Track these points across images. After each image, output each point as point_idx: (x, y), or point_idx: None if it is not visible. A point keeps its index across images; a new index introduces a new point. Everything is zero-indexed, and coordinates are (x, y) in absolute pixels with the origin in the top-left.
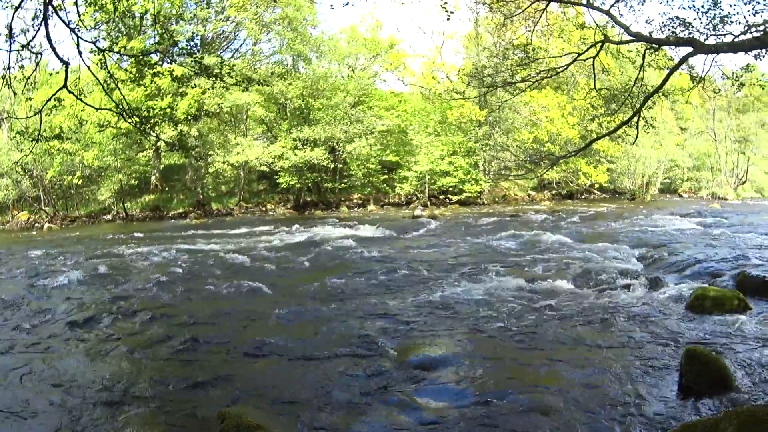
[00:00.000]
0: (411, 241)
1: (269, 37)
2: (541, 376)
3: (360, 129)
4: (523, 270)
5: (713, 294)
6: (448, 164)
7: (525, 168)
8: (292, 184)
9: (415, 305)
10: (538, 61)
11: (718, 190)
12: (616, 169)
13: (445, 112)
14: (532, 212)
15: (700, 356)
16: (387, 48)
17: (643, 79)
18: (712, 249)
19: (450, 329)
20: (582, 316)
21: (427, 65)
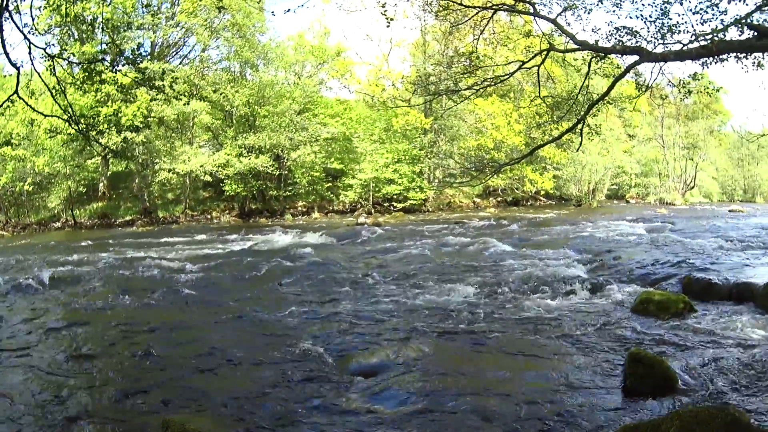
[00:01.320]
0: (354, 248)
1: (218, 43)
2: (484, 380)
3: (305, 136)
4: (466, 276)
5: (658, 298)
6: (392, 172)
7: (470, 175)
8: (238, 191)
9: (358, 312)
10: (484, 69)
11: (666, 195)
12: (563, 175)
13: (391, 119)
14: (477, 219)
15: (644, 359)
16: (334, 55)
17: (588, 87)
18: (659, 253)
19: (392, 336)
20: (526, 322)
21: (373, 73)
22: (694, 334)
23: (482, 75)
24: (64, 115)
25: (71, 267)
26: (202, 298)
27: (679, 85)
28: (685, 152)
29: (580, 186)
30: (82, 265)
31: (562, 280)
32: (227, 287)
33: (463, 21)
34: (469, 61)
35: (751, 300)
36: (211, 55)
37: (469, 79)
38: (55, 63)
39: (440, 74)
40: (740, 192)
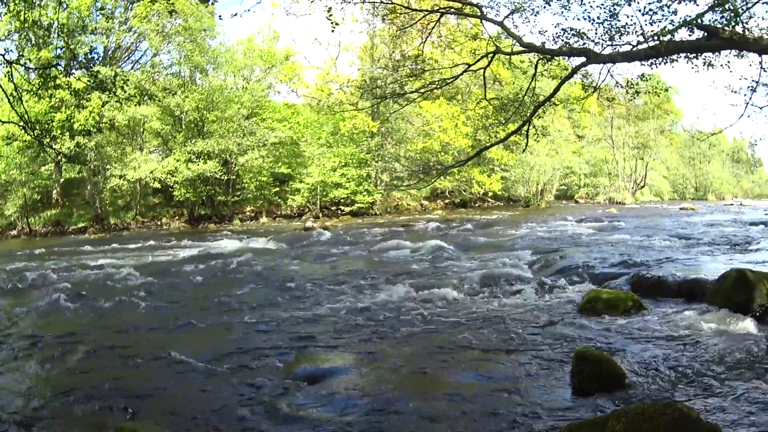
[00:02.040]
0: (302, 252)
1: (169, 48)
2: (432, 383)
3: (253, 141)
4: (414, 278)
5: (606, 296)
6: (340, 176)
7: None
8: (187, 197)
9: (305, 316)
10: (432, 72)
11: (616, 195)
12: (511, 177)
13: (338, 123)
14: (425, 221)
15: (590, 357)
16: (282, 59)
17: (535, 88)
18: (607, 252)
19: (339, 339)
20: (473, 323)
21: (321, 77)
22: (643, 331)
23: (429, 78)
24: (20, 121)
25: (23, 275)
26: (151, 305)
27: (627, 85)
28: (635, 152)
29: (528, 187)
30: (34, 273)
31: (510, 280)
32: (176, 294)
33: (410, 24)
34: (416, 64)
35: (702, 296)
36: (162, 59)
37: (416, 82)
38: (12, 69)
39: (386, 78)
40: (692, 190)
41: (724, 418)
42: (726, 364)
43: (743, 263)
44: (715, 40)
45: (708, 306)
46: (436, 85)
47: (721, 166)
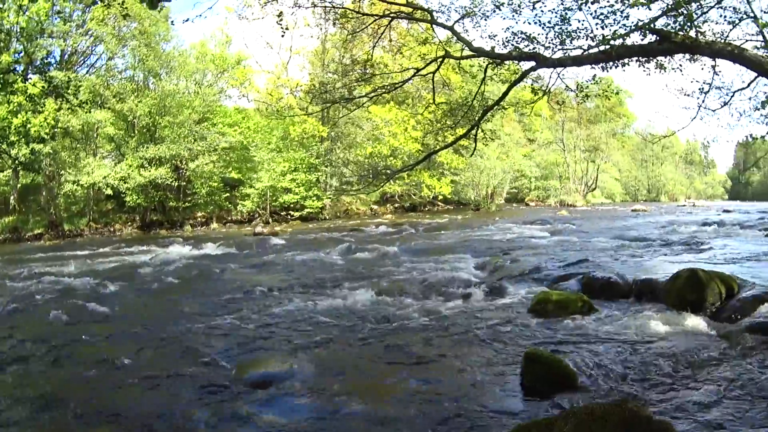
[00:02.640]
0: (252, 258)
1: (124, 51)
2: (381, 386)
3: (203, 146)
4: (362, 283)
5: (556, 297)
6: (290, 181)
7: (366, 182)
8: (139, 203)
9: (255, 322)
10: (383, 76)
11: (567, 197)
12: (461, 180)
13: (288, 128)
14: (374, 226)
15: (540, 358)
16: (234, 64)
17: (484, 92)
18: (557, 254)
19: (289, 344)
20: (422, 326)
21: (271, 81)
22: (594, 331)
23: (380, 82)
24: None
25: None
26: (100, 313)
27: (578, 89)
28: (586, 155)
29: (478, 190)
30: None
31: (459, 283)
32: (126, 301)
33: (361, 29)
34: (366, 69)
35: (653, 296)
36: (117, 63)
37: (366, 86)
38: None
39: (335, 82)
40: (644, 192)
41: (677, 416)
42: (678, 363)
43: (695, 263)
44: (667, 44)
45: (659, 306)
46: (385, 89)
47: (674, 168)
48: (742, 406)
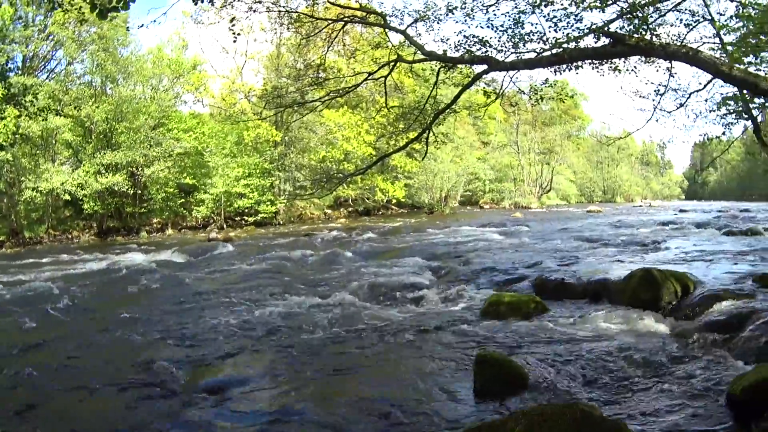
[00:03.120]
0: (206, 264)
1: (83, 56)
2: (334, 390)
3: (159, 152)
4: (316, 288)
5: (508, 299)
6: (244, 186)
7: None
8: (96, 209)
9: (209, 328)
10: (337, 81)
11: (521, 199)
12: (414, 184)
13: (242, 133)
14: (327, 230)
15: (491, 360)
16: (190, 69)
17: (436, 96)
18: (511, 256)
19: (242, 350)
20: (376, 330)
21: (226, 86)
22: (547, 333)
23: (333, 86)
24: None
25: None
26: (55, 322)
27: (531, 92)
28: (541, 157)
29: (432, 194)
30: None
31: (412, 287)
32: (80, 309)
33: (314, 33)
34: (320, 73)
35: (607, 297)
36: (76, 68)
37: (320, 90)
38: None
39: (287, 87)
40: (600, 193)
41: (630, 415)
42: (632, 362)
43: (650, 263)
44: (621, 47)
45: (613, 306)
46: (337, 93)
47: (630, 169)
48: (697, 404)
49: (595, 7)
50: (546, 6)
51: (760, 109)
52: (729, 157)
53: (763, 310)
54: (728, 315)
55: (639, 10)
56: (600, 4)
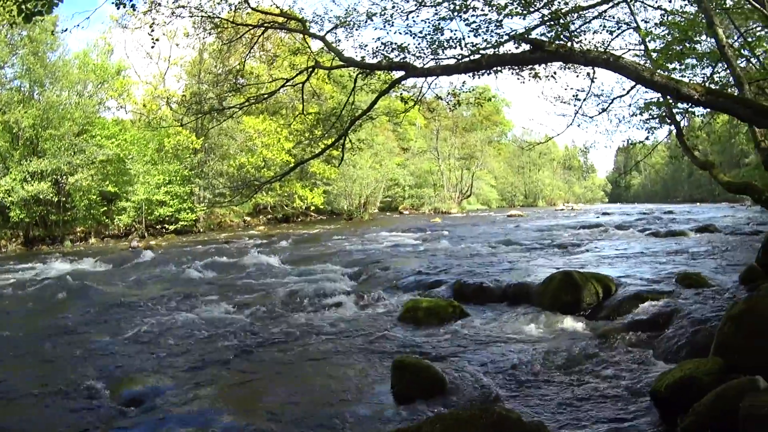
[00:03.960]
0: (127, 274)
1: (14, 60)
2: (254, 399)
3: (82, 159)
4: (235, 296)
5: (426, 304)
6: (164, 193)
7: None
8: (22, 218)
9: (130, 338)
10: (258, 87)
11: (441, 205)
12: (333, 190)
13: (163, 140)
14: (247, 237)
15: (409, 365)
16: (114, 74)
17: (353, 102)
18: (429, 261)
19: (165, 360)
20: (295, 337)
21: (149, 92)
22: (465, 336)
23: (253, 93)
24: None
25: None
26: None
27: (448, 97)
28: (461, 162)
29: (350, 200)
30: None
31: (330, 294)
32: (2, 320)
33: (235, 39)
34: (240, 79)
35: (527, 300)
36: (6, 73)
37: (240, 97)
38: None
39: (206, 93)
40: (521, 197)
41: (552, 417)
42: (553, 364)
43: (572, 265)
44: (540, 53)
45: (533, 308)
46: (254, 100)
47: (552, 173)
48: (621, 403)
49: (517, 14)
50: (466, 12)
51: (684, 114)
52: (653, 161)
53: (685, 309)
54: (651, 315)
55: (561, 17)
56: (522, 11)
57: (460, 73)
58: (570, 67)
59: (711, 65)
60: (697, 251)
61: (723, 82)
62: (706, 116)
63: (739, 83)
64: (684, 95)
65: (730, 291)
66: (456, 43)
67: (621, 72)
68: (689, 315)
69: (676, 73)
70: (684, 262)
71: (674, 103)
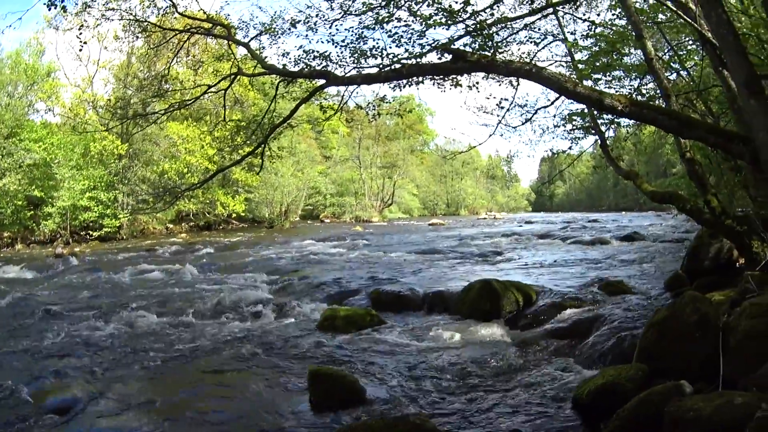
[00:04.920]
0: (50, 281)
1: None
2: (173, 409)
3: (10, 163)
4: (156, 305)
5: (344, 313)
6: (89, 199)
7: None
8: None
9: (53, 347)
10: (183, 93)
11: (363, 213)
12: (255, 198)
13: (89, 144)
14: (169, 245)
15: (325, 375)
16: (44, 75)
17: (275, 110)
18: (348, 270)
19: (87, 368)
20: (212, 348)
21: (77, 95)
22: (383, 345)
23: (178, 98)
24: None
25: None
26: None
27: (368, 106)
28: (383, 171)
29: (272, 208)
30: None
31: (249, 303)
32: None
33: (161, 43)
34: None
35: (446, 308)
36: None
37: (164, 102)
38: None
39: (131, 97)
40: (443, 206)
41: (468, 425)
42: (473, 372)
43: (492, 274)
44: (462, 63)
45: (452, 317)
46: (178, 105)
47: (474, 182)
48: (542, 410)
49: (441, 25)
50: (389, 23)
51: (609, 125)
52: (578, 171)
53: (607, 316)
54: (572, 322)
55: (486, 27)
56: (446, 22)
57: (381, 82)
58: (494, 77)
59: (639, 77)
60: (622, 259)
61: (651, 93)
62: (632, 127)
63: (666, 95)
64: (607, 106)
65: (654, 298)
66: (378, 53)
67: (544, 83)
68: (612, 322)
69: (602, 84)
70: (608, 270)
71: (598, 114)
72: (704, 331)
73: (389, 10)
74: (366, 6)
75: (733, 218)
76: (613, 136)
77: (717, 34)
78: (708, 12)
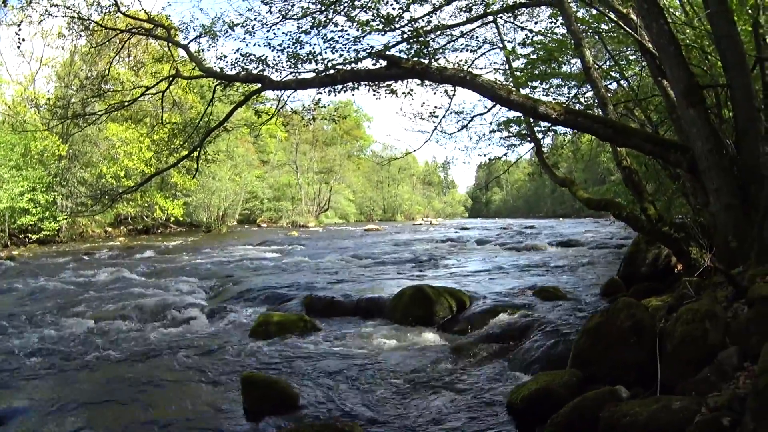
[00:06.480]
0: None
1: None
2: (106, 415)
3: None
4: (91, 310)
5: (277, 319)
6: (28, 201)
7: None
8: None
9: None
10: (123, 93)
11: (299, 218)
12: (192, 202)
13: (30, 144)
14: (107, 249)
15: (258, 381)
16: None
17: (211, 114)
18: (283, 276)
19: (19, 377)
20: (148, 352)
21: (18, 93)
22: (317, 351)
23: (119, 99)
24: None
25: None
26: None
27: (303, 111)
28: (320, 176)
29: (209, 212)
30: None
31: (183, 308)
32: None
33: (103, 42)
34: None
35: (378, 314)
36: None
37: (104, 103)
38: None
39: (71, 97)
40: (380, 212)
41: (400, 430)
42: (405, 378)
43: (425, 280)
44: (396, 70)
45: (385, 322)
46: (118, 106)
47: (411, 188)
48: (475, 415)
49: (378, 31)
50: (326, 27)
51: (545, 132)
52: (515, 177)
53: (541, 321)
54: (506, 328)
55: (422, 35)
56: (383, 28)
57: (316, 87)
58: (429, 84)
59: (577, 86)
60: (558, 265)
61: (589, 102)
62: (570, 134)
63: (603, 103)
64: (542, 114)
65: (589, 304)
66: (314, 58)
67: (478, 90)
68: (546, 328)
69: (540, 92)
70: (543, 276)
71: (534, 122)
72: (639, 337)
73: (328, 15)
74: (305, 10)
75: (671, 225)
76: (551, 143)
77: (657, 44)
78: (649, 23)
